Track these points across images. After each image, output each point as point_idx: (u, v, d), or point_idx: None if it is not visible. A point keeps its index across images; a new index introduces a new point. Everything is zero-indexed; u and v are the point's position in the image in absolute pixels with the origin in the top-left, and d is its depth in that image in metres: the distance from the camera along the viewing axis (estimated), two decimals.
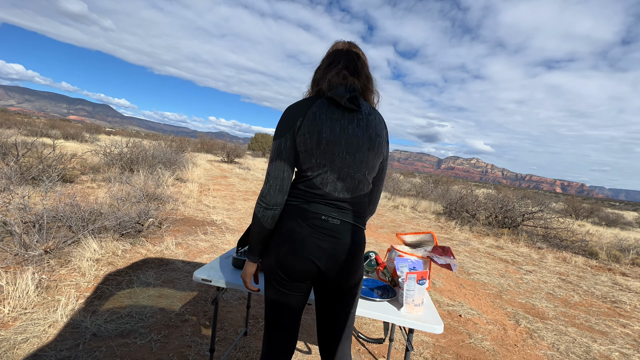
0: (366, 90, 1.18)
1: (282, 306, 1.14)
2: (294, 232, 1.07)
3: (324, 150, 1.06)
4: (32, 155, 6.13)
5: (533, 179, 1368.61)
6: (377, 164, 1.16)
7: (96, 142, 15.64)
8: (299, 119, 1.06)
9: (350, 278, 1.13)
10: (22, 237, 2.79)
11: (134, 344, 1.96)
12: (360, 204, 1.15)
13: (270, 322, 1.17)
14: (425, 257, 1.64)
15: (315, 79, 1.18)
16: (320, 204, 1.09)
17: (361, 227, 1.16)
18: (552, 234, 7.97)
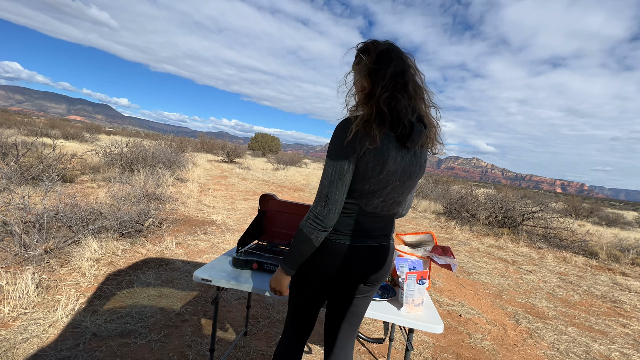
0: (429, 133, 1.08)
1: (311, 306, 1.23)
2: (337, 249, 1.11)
3: (382, 179, 1.04)
4: (32, 155, 6.13)
5: (533, 178, 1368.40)
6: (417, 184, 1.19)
7: (96, 142, 15.64)
8: (366, 144, 0.98)
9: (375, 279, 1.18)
10: (22, 237, 2.80)
11: (134, 344, 1.96)
12: (392, 219, 1.21)
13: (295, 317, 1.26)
14: (425, 257, 1.64)
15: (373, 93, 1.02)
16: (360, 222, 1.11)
17: (390, 241, 1.21)
18: (552, 233, 7.97)
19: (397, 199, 1.12)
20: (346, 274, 1.14)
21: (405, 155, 1.04)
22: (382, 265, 1.17)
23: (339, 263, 1.11)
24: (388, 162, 1.01)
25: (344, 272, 1.13)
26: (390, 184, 1.06)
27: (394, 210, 1.15)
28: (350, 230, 1.10)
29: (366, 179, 1.03)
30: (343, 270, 1.13)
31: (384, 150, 1.00)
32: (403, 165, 1.05)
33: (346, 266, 1.12)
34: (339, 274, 1.14)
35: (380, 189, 1.05)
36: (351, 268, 1.13)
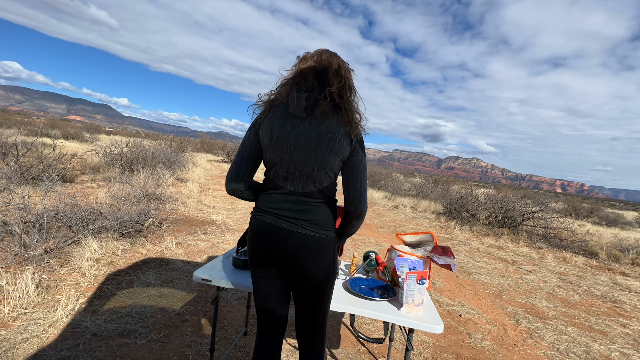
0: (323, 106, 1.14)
1: (259, 291, 1.28)
2: (258, 220, 1.21)
3: (275, 146, 1.15)
4: (32, 155, 6.13)
5: (533, 178, 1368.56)
6: (330, 160, 1.13)
7: (96, 142, 15.64)
8: (260, 118, 1.20)
9: (311, 273, 1.19)
10: (22, 237, 2.80)
11: (134, 344, 1.96)
12: (316, 200, 1.18)
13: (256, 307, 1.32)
14: (425, 257, 1.64)
15: (286, 82, 1.21)
16: (277, 200, 1.19)
17: (316, 233, 1.17)
18: (552, 233, 7.97)
19: (302, 170, 1.14)
20: (268, 254, 1.19)
21: (298, 124, 1.13)
22: (303, 255, 1.15)
23: (260, 240, 1.19)
24: (275, 127, 1.14)
25: (266, 251, 1.19)
26: (285, 150, 1.13)
27: (308, 187, 1.16)
28: (267, 208, 1.20)
29: (264, 147, 1.18)
30: (264, 248, 1.19)
31: (272, 119, 1.16)
32: (295, 132, 1.13)
33: (265, 245, 1.18)
34: (264, 253, 1.20)
35: (279, 157, 1.15)
36: (268, 247, 1.18)
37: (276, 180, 1.18)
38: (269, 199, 1.21)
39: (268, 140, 1.15)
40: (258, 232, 1.20)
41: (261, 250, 1.20)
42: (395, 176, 19.39)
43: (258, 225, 1.20)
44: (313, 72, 1.17)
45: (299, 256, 1.15)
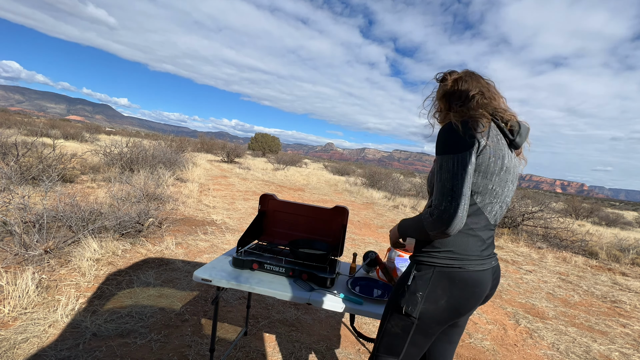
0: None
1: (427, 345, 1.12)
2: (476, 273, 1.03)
3: (502, 177, 1.02)
4: (32, 155, 6.13)
5: (533, 178, 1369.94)
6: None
7: (96, 142, 15.64)
8: (485, 137, 0.98)
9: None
10: (22, 237, 2.80)
11: (134, 344, 1.96)
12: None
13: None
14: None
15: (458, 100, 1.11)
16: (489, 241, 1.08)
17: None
18: (552, 233, 7.97)
19: (508, 203, 1.09)
20: (477, 303, 1.06)
21: (512, 155, 1.07)
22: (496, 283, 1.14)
23: (478, 295, 1.04)
24: (505, 156, 1.02)
25: (477, 303, 1.06)
26: (507, 184, 1.05)
27: (500, 218, 1.11)
28: (481, 253, 1.04)
29: (489, 175, 1.00)
30: (478, 301, 1.06)
31: (500, 146, 1.01)
32: (513, 164, 1.06)
33: (480, 298, 1.05)
34: (475, 305, 1.06)
35: (501, 190, 1.04)
36: (485, 296, 1.08)
37: (489, 217, 1.04)
38: (479, 240, 1.04)
39: (499, 169, 1.00)
40: (478, 286, 1.03)
41: (475, 303, 1.05)
42: (395, 176, 19.39)
43: (478, 278, 1.02)
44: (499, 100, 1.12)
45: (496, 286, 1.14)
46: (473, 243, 1.03)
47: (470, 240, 1.02)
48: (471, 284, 1.01)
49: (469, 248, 1.02)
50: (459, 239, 1.02)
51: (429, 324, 1.04)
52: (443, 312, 1.03)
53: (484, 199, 1.01)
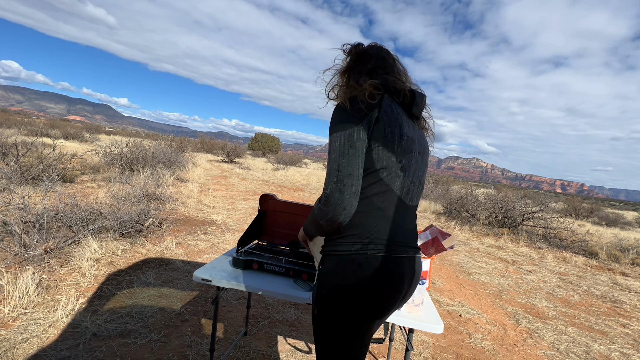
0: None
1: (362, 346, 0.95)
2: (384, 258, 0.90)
3: (404, 147, 0.92)
4: (32, 155, 6.13)
5: (533, 178, 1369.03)
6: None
7: (96, 142, 15.64)
8: (375, 108, 0.90)
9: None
10: (22, 237, 2.80)
11: (134, 344, 1.96)
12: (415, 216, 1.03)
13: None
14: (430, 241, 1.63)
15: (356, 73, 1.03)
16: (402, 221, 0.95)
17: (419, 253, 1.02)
18: (552, 233, 7.97)
19: (421, 179, 1.00)
20: (398, 297, 0.92)
21: (414, 126, 1.00)
22: (416, 281, 0.99)
23: (392, 285, 0.89)
24: (404, 125, 0.93)
25: (397, 295, 0.92)
26: (412, 154, 0.94)
27: (417, 199, 1.00)
28: (391, 234, 0.91)
29: (387, 147, 0.89)
30: (397, 292, 0.91)
31: (395, 115, 0.93)
32: (417, 135, 0.99)
33: (399, 287, 0.91)
34: (394, 298, 0.91)
35: (407, 163, 0.93)
36: (401, 288, 0.92)
37: (400, 194, 0.92)
38: (390, 222, 0.91)
39: (398, 139, 0.90)
40: (388, 273, 0.88)
41: (391, 296, 0.90)
42: None
43: (390, 266, 0.89)
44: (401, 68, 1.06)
45: (415, 283, 0.98)
46: (382, 224, 0.90)
47: (378, 222, 0.90)
48: (380, 271, 0.87)
49: (377, 230, 0.90)
50: (364, 219, 0.89)
51: (344, 317, 0.89)
52: (355, 307, 0.88)
53: (390, 173, 0.90)
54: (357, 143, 0.87)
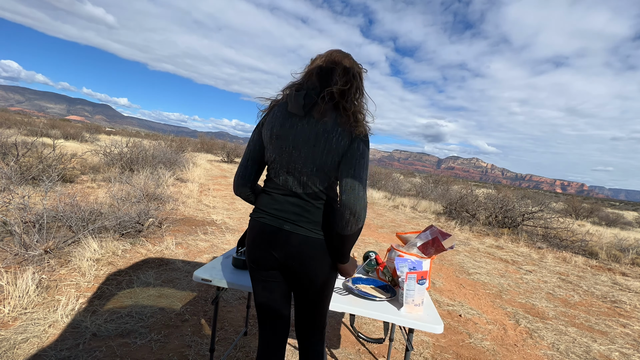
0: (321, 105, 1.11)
1: (260, 295, 1.27)
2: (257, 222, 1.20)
3: (275, 145, 1.15)
4: (32, 155, 6.13)
5: (533, 178, 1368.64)
6: (328, 160, 1.10)
7: (96, 142, 15.64)
8: (264, 116, 1.23)
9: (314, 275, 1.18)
10: (22, 237, 2.80)
11: (134, 344, 1.96)
12: (317, 201, 1.16)
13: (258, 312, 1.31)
14: (430, 241, 1.63)
15: (292, 84, 1.23)
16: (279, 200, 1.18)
17: (317, 234, 1.15)
18: (552, 233, 7.97)
19: (302, 170, 1.12)
20: (269, 257, 1.18)
21: (296, 123, 1.13)
22: (303, 258, 1.14)
23: (260, 242, 1.18)
24: (275, 126, 1.15)
25: (267, 254, 1.18)
26: (284, 150, 1.13)
27: (308, 187, 1.13)
28: (268, 208, 1.19)
29: (266, 145, 1.19)
30: (265, 251, 1.17)
31: (273, 118, 1.17)
32: (293, 132, 1.13)
33: (266, 247, 1.17)
34: (264, 255, 1.18)
35: (279, 156, 1.15)
36: (269, 249, 1.17)
37: (277, 180, 1.18)
38: (270, 199, 1.19)
39: (269, 139, 1.16)
40: (258, 234, 1.18)
41: (262, 253, 1.18)
42: (395, 176, 19.39)
43: (258, 226, 1.18)
44: (318, 71, 1.16)
45: (302, 258, 1.14)
46: (265, 199, 1.21)
47: (263, 197, 1.22)
48: (256, 229, 1.19)
49: (261, 203, 1.22)
50: (259, 196, 1.26)
51: (249, 266, 1.25)
52: (247, 253, 1.24)
53: (270, 166, 1.21)
54: (250, 142, 1.25)
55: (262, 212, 1.20)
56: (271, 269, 1.21)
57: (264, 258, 1.18)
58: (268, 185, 1.23)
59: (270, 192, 1.20)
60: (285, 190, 1.17)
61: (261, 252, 1.18)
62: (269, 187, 1.22)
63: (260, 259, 1.19)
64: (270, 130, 1.15)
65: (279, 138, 1.14)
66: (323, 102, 1.11)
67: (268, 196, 1.20)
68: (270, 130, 1.15)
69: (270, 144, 1.16)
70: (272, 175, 1.20)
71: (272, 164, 1.18)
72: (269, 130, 1.16)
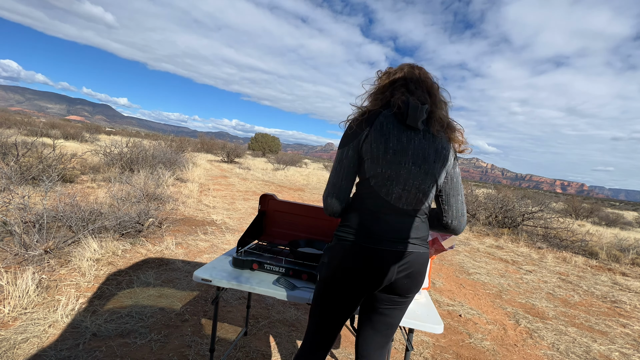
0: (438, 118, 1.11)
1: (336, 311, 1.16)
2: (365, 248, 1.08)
3: (390, 160, 1.05)
4: (32, 155, 6.13)
5: (533, 178, 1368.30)
6: (442, 175, 1.11)
7: (96, 142, 15.64)
8: (367, 128, 1.08)
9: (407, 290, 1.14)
10: (22, 237, 2.80)
11: (134, 344, 1.96)
12: (424, 215, 1.14)
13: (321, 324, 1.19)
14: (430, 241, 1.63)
15: (377, 93, 1.16)
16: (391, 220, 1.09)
17: (421, 249, 1.13)
18: (552, 233, 7.97)
19: (419, 187, 1.08)
20: (376, 282, 1.08)
21: (413, 137, 1.07)
22: (414, 274, 1.11)
23: (364, 269, 1.06)
24: (390, 139, 1.05)
25: (371, 280, 1.07)
26: (403, 166, 1.05)
27: (420, 204, 1.10)
28: (375, 229, 1.07)
29: (374, 160, 1.06)
30: (370, 277, 1.07)
31: (384, 130, 1.06)
32: (412, 147, 1.06)
33: (373, 272, 1.07)
34: (368, 281, 1.08)
35: (394, 172, 1.06)
36: (378, 274, 1.07)
37: (388, 199, 1.08)
38: (378, 221, 1.08)
39: (382, 153, 1.05)
40: (368, 261, 1.06)
41: (369, 279, 1.08)
42: None
43: (368, 254, 1.06)
44: (420, 84, 1.11)
45: (411, 276, 1.10)
46: (366, 219, 1.09)
47: (363, 217, 1.10)
48: (359, 255, 1.06)
49: (360, 223, 1.09)
50: (354, 215, 1.12)
51: (330, 288, 1.12)
52: (337, 279, 1.10)
53: (377, 182, 1.08)
54: (345, 161, 1.11)
55: (369, 235, 1.08)
56: (365, 293, 1.12)
57: (370, 282, 1.08)
58: (370, 205, 1.10)
59: (376, 213, 1.09)
60: (395, 208, 1.09)
61: (368, 277, 1.07)
62: (372, 207, 1.10)
63: (364, 282, 1.08)
64: (385, 144, 1.05)
65: (397, 153, 1.05)
66: (442, 117, 1.11)
67: (373, 217, 1.09)
68: (384, 143, 1.05)
69: (384, 160, 1.06)
70: (383, 194, 1.08)
71: (384, 181, 1.07)
72: (382, 144, 1.05)
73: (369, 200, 1.10)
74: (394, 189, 1.07)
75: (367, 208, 1.10)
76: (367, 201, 1.10)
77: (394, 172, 1.06)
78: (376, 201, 1.09)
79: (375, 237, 1.07)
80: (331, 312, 1.15)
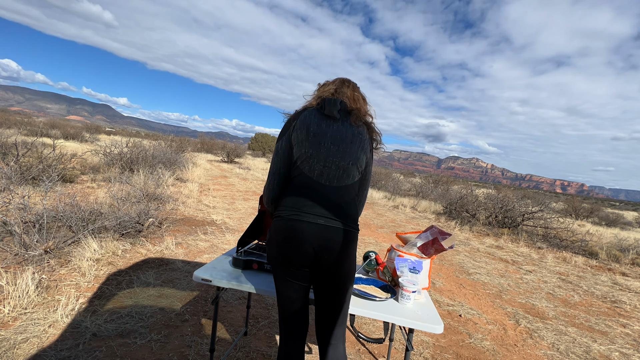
0: (357, 114, 1.32)
1: (287, 297, 1.27)
2: (292, 220, 1.21)
3: (312, 141, 1.23)
4: (32, 155, 6.13)
5: (533, 178, 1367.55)
6: (361, 157, 1.28)
7: (96, 142, 15.64)
8: (294, 121, 1.29)
9: (348, 268, 1.24)
10: (22, 237, 2.80)
11: (134, 344, 1.96)
12: (348, 195, 1.27)
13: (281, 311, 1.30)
14: (430, 241, 1.63)
15: (315, 98, 1.38)
16: (313, 196, 1.22)
17: (350, 227, 1.23)
18: (552, 234, 7.97)
19: (339, 163, 1.24)
20: (304, 255, 1.19)
21: (331, 124, 1.27)
22: (333, 250, 1.18)
23: (295, 242, 1.18)
24: (311, 125, 1.25)
25: (298, 252, 1.18)
26: (322, 145, 1.23)
27: (343, 180, 1.25)
28: (302, 205, 1.20)
29: (299, 144, 1.25)
30: (300, 249, 1.18)
31: (306, 120, 1.27)
32: (331, 130, 1.25)
33: (301, 246, 1.18)
34: (299, 255, 1.19)
35: (315, 151, 1.23)
36: (303, 246, 1.18)
37: (311, 175, 1.23)
38: (302, 197, 1.22)
39: (305, 136, 1.24)
40: (292, 233, 1.18)
41: (296, 252, 1.18)
42: (395, 176, 19.39)
43: (292, 226, 1.19)
44: (345, 90, 1.35)
45: (337, 251, 1.18)
46: (293, 196, 1.24)
47: (292, 195, 1.25)
48: (284, 228, 1.20)
49: (289, 200, 1.24)
50: (286, 195, 1.27)
51: (273, 266, 1.26)
52: (273, 254, 1.24)
53: (302, 162, 1.24)
54: (280, 151, 1.30)
55: (295, 210, 1.20)
56: (302, 266, 1.22)
57: (298, 257, 1.19)
58: (297, 182, 1.26)
59: (301, 190, 1.24)
60: (318, 185, 1.23)
61: (295, 251, 1.19)
62: (299, 184, 1.25)
63: (293, 256, 1.19)
64: (307, 129, 1.24)
65: (317, 135, 1.24)
66: (358, 112, 1.32)
67: (298, 193, 1.23)
68: (306, 129, 1.24)
69: (306, 141, 1.23)
70: (306, 171, 1.24)
71: (306, 159, 1.23)
72: (304, 130, 1.24)
73: (296, 180, 1.26)
74: (315, 165, 1.23)
75: (295, 186, 1.26)
76: (295, 181, 1.27)
77: (315, 151, 1.23)
78: (302, 179, 1.25)
79: (300, 211, 1.20)
80: (284, 292, 1.26)
